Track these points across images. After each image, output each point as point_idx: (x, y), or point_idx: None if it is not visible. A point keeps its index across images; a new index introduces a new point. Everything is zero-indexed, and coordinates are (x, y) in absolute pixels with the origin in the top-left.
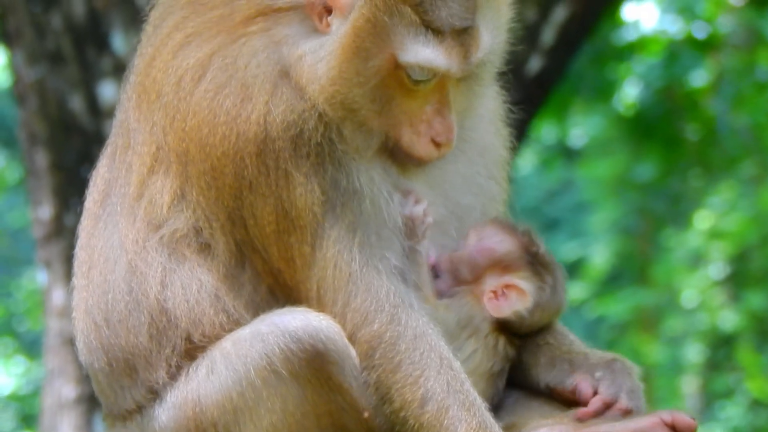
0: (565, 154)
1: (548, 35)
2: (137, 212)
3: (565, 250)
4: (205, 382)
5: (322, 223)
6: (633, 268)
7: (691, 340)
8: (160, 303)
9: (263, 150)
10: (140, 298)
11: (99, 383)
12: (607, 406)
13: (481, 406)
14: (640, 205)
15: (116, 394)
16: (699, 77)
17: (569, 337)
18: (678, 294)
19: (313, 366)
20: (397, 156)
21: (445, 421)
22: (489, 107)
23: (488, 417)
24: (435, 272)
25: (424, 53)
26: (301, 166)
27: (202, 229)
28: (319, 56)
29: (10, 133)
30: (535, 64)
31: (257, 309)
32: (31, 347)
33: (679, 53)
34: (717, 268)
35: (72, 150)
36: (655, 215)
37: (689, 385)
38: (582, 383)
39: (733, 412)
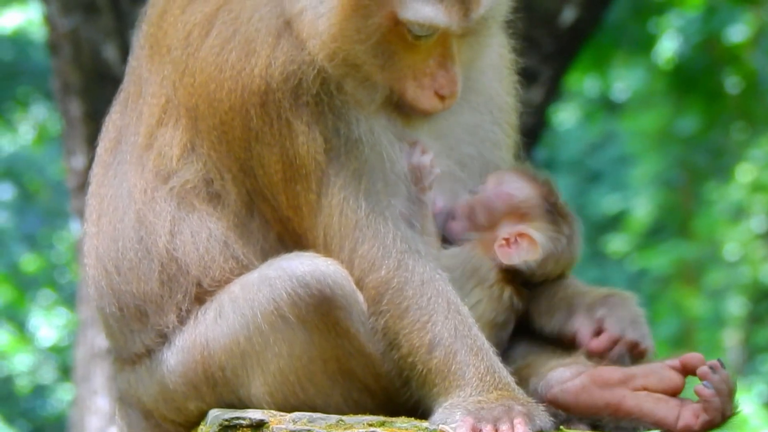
0: (608, 107)
1: None
2: (146, 163)
3: (607, 202)
4: (213, 326)
5: (327, 171)
6: (675, 221)
7: (733, 293)
8: (169, 252)
9: (266, 101)
10: (150, 247)
11: (109, 327)
12: (614, 343)
13: (489, 351)
14: (682, 158)
15: (126, 338)
16: (739, 31)
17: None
18: (720, 247)
19: (321, 311)
20: (402, 109)
21: (453, 366)
22: (494, 56)
23: (496, 361)
24: (452, 216)
25: (424, 11)
26: (301, 115)
27: (212, 181)
28: (320, 12)
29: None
30: (569, 15)
31: (266, 256)
32: (72, 299)
33: (718, 7)
34: (759, 222)
35: (106, 99)
36: (697, 168)
37: (731, 339)
38: (581, 329)
39: None
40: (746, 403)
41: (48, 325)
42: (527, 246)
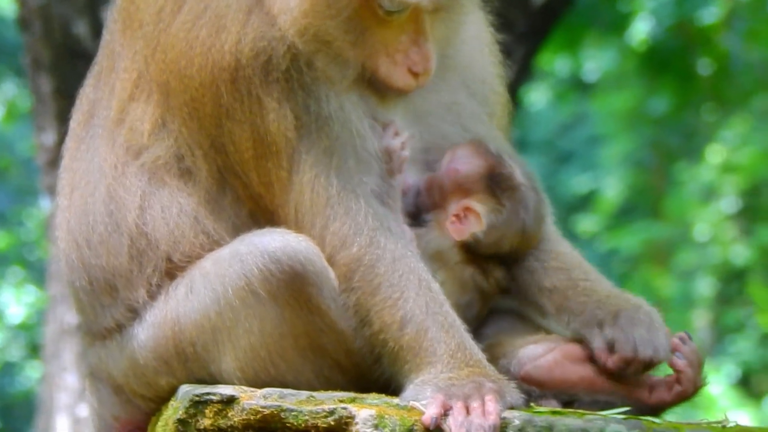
0: (579, 87)
1: None
2: (117, 138)
3: (578, 182)
4: (184, 302)
5: (298, 148)
6: (645, 202)
7: (702, 273)
8: (139, 227)
9: (236, 78)
10: (120, 222)
11: (80, 302)
12: (628, 363)
13: (460, 328)
14: (653, 138)
15: (96, 312)
16: (710, 13)
17: (576, 274)
18: (690, 228)
19: (292, 287)
20: (376, 87)
21: (425, 343)
22: (472, 32)
23: (467, 338)
24: (417, 197)
25: None
26: (272, 91)
27: (183, 156)
28: None
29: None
30: None
31: (238, 232)
32: (42, 276)
33: None
34: (729, 202)
35: (76, 75)
36: (668, 149)
37: (700, 319)
38: (597, 348)
39: (744, 346)
40: (715, 384)
41: (17, 302)
42: (473, 219)
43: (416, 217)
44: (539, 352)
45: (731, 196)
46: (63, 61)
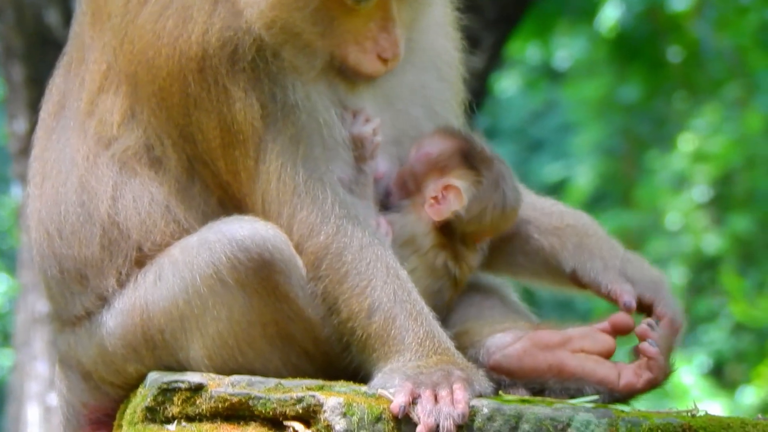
0: (550, 75)
1: None
2: (88, 129)
3: (549, 171)
4: (152, 289)
5: (264, 137)
6: (617, 190)
7: (674, 262)
8: (111, 216)
9: (203, 67)
10: (92, 212)
11: (50, 290)
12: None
13: (429, 316)
14: (624, 126)
15: (66, 300)
16: (681, 1)
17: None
18: (662, 216)
19: (260, 275)
20: (345, 75)
21: (393, 331)
22: (437, 14)
23: (436, 326)
24: (389, 190)
25: None
26: (238, 81)
27: (153, 146)
28: None
29: None
30: None
31: (208, 220)
32: (14, 264)
33: None
34: (701, 191)
35: (48, 64)
36: (639, 137)
37: None
38: (624, 295)
39: (716, 335)
40: (687, 374)
41: None
42: (453, 196)
43: (387, 204)
44: (507, 341)
45: (703, 184)
46: (35, 50)
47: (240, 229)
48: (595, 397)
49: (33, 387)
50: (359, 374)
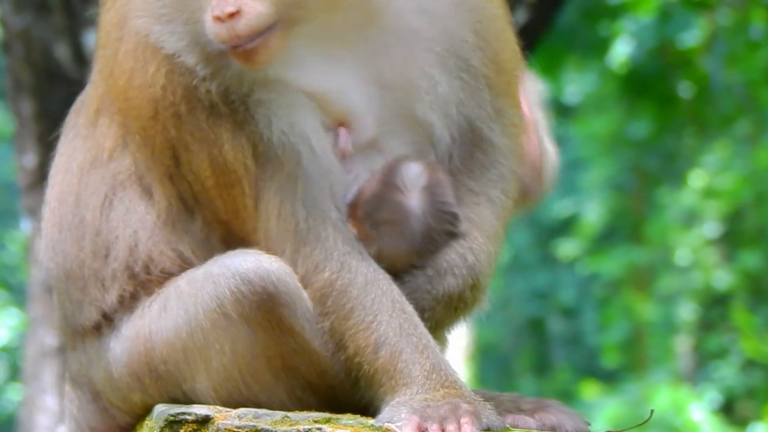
0: (560, 110)
1: None
2: (88, 144)
3: (559, 206)
4: (157, 319)
5: (261, 175)
6: (626, 226)
7: (684, 298)
8: (98, 229)
9: (180, 113)
10: (84, 216)
11: (58, 294)
12: None
13: (435, 349)
14: (634, 162)
15: (73, 308)
16: (692, 36)
17: None
18: (672, 252)
19: (264, 308)
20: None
21: (399, 365)
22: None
23: (443, 359)
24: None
25: None
26: (221, 123)
27: (143, 177)
28: None
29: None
30: (520, 17)
31: (207, 243)
32: (24, 299)
33: (672, 12)
34: (711, 227)
35: (57, 98)
36: (649, 173)
37: (682, 345)
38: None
39: (727, 372)
40: (698, 410)
41: None
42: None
43: None
44: None
45: (713, 221)
46: (44, 84)
47: (244, 263)
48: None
49: (42, 420)
50: (365, 407)
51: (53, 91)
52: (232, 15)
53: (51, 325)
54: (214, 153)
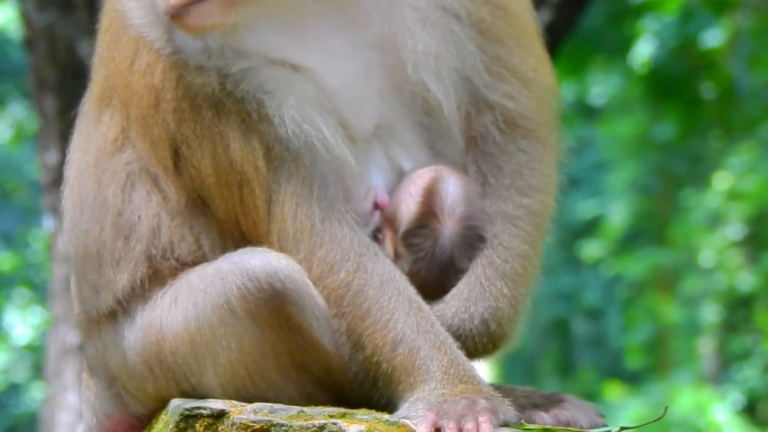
0: (585, 112)
1: None
2: (96, 134)
3: (583, 208)
4: (168, 311)
5: (275, 178)
6: (651, 228)
7: (708, 300)
8: (120, 210)
9: (183, 108)
10: (106, 201)
11: (76, 275)
12: None
13: (453, 345)
14: (659, 164)
15: (86, 291)
16: (715, 37)
17: None
18: (696, 254)
19: (271, 306)
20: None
21: (417, 361)
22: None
23: (460, 355)
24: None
25: None
26: (228, 122)
27: (149, 167)
28: None
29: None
30: (543, 18)
31: (224, 242)
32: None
33: (695, 11)
34: (735, 229)
35: (80, 96)
36: (674, 175)
37: (706, 347)
38: None
39: (750, 373)
40: (721, 411)
41: (23, 323)
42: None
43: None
44: None
45: (737, 223)
46: (67, 82)
47: (252, 260)
48: (616, 427)
49: (64, 417)
50: (375, 404)
51: (77, 89)
52: None
53: (72, 323)
54: (218, 151)
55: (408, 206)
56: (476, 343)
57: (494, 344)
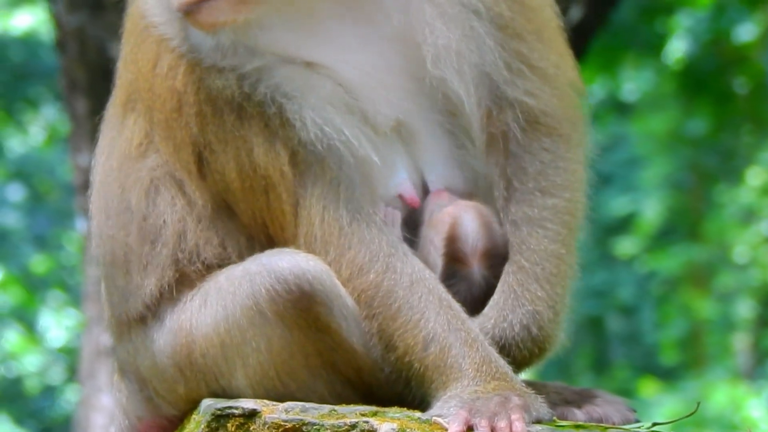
0: (618, 108)
1: None
2: (123, 133)
3: (617, 204)
4: (197, 313)
5: (302, 182)
6: (685, 224)
7: (742, 296)
8: (145, 215)
9: (205, 113)
10: (130, 206)
11: (106, 279)
12: None
13: (484, 342)
14: (692, 160)
15: (115, 296)
16: (747, 31)
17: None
18: (730, 250)
19: (299, 307)
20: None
21: (449, 360)
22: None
23: (492, 352)
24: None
25: None
26: (251, 127)
27: (174, 172)
28: None
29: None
30: (575, 14)
31: (248, 240)
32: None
33: (727, 6)
34: None
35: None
36: (707, 171)
37: (740, 342)
38: None
39: None
40: (756, 407)
41: (57, 326)
42: None
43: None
44: None
45: None
46: (98, 83)
47: (280, 261)
48: (649, 423)
49: (98, 419)
50: (404, 403)
51: (108, 90)
52: None
53: (105, 325)
54: (242, 156)
55: (434, 259)
56: (521, 349)
57: (540, 348)
